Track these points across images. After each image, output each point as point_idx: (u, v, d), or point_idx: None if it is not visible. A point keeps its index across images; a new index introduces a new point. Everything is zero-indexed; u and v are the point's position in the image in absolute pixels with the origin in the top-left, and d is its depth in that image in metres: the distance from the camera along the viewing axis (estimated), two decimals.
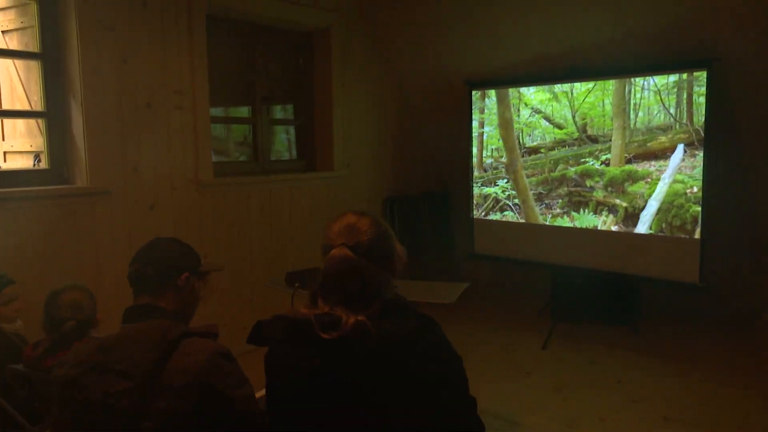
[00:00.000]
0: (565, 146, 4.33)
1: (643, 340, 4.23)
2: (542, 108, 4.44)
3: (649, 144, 3.92)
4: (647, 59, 4.03)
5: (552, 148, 4.40)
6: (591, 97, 4.17)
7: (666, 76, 3.83)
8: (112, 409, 1.36)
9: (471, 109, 4.78)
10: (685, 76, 3.76)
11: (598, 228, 4.20)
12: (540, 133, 4.48)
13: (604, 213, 4.16)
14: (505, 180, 4.69)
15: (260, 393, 1.63)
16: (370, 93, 5.13)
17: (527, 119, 4.52)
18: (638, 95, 3.98)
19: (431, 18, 4.73)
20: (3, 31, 3.42)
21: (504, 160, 4.68)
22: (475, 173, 4.85)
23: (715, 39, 3.77)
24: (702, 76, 3.65)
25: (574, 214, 4.31)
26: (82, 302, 2.15)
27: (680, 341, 4.20)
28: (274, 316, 1.43)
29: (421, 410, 1.32)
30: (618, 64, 4.13)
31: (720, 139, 3.88)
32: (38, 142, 3.38)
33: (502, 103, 4.63)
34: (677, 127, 3.81)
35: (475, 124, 4.79)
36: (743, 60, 3.77)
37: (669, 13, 3.83)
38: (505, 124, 4.63)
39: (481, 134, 4.79)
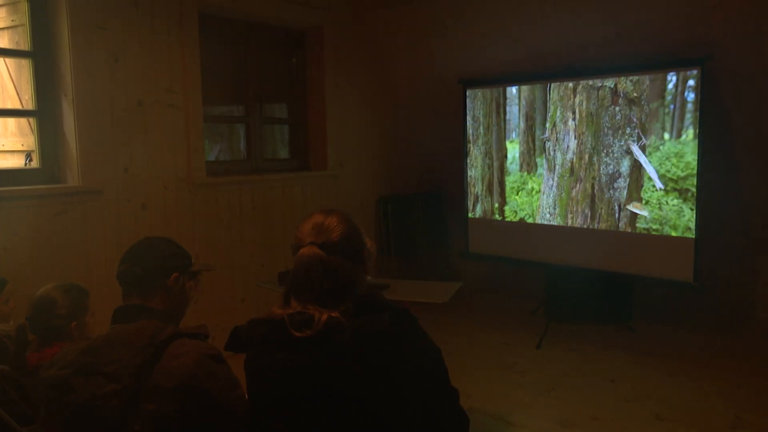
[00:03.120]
0: None
1: (636, 339, 4.24)
2: None
3: None
4: (640, 58, 4.04)
5: None
6: None
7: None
8: (100, 412, 1.34)
9: (465, 108, 4.78)
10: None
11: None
12: None
13: None
14: None
15: None
16: (364, 92, 5.12)
17: None
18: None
19: (424, 17, 4.73)
20: None
21: None
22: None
23: (707, 37, 3.77)
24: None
25: None
26: (55, 299, 2.10)
27: (674, 340, 4.21)
28: (250, 320, 1.44)
29: (403, 404, 1.32)
30: (611, 63, 4.13)
31: (713, 138, 3.89)
32: (29, 141, 3.35)
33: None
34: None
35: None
36: (736, 58, 3.78)
37: (662, 11, 3.83)
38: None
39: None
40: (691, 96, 3.75)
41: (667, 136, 3.84)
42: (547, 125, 4.32)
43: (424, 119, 5.44)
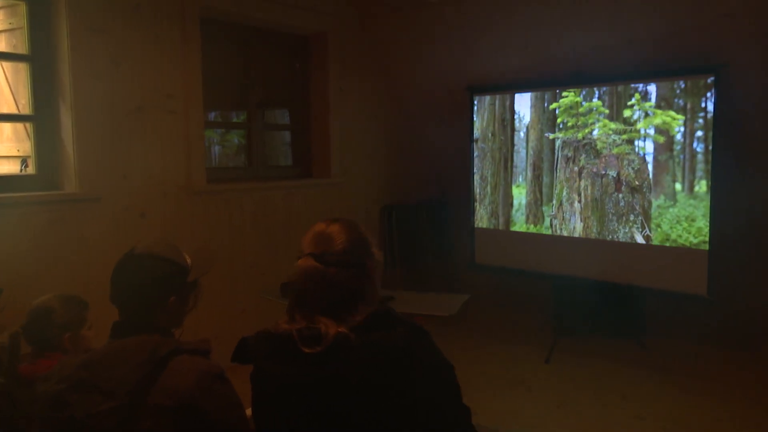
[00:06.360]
0: None
1: (648, 355, 4.14)
2: None
3: None
4: (654, 65, 3.97)
5: None
6: None
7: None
8: (96, 429, 1.32)
9: (472, 116, 4.71)
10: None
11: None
12: None
13: None
14: None
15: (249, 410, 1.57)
16: (368, 98, 5.07)
17: None
18: None
19: (430, 23, 4.68)
20: None
21: None
22: None
23: (722, 45, 3.71)
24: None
25: None
26: (52, 309, 2.05)
27: (686, 356, 4.11)
28: (258, 332, 1.41)
29: (412, 421, 1.29)
30: (623, 70, 4.06)
31: (728, 148, 3.81)
32: (25, 147, 3.30)
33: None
34: None
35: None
36: (752, 66, 3.71)
37: (676, 18, 3.78)
38: None
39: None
40: (700, 147, 3.70)
41: (678, 187, 3.78)
42: (554, 202, 4.34)
43: (429, 126, 5.38)
